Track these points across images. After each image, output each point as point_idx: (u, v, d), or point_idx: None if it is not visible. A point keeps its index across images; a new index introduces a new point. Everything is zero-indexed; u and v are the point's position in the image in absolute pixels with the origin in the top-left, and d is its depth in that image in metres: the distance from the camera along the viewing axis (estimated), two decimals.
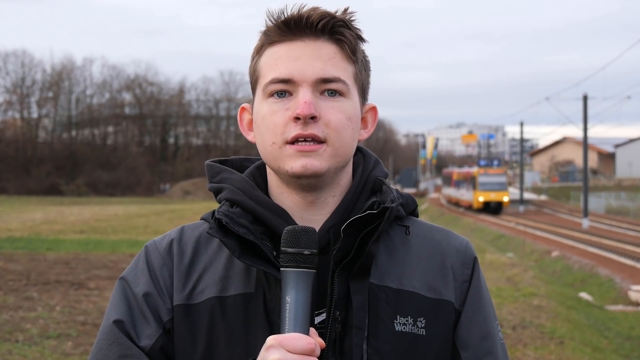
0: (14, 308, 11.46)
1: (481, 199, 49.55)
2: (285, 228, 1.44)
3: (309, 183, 1.52)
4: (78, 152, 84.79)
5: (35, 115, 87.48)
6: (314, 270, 1.41)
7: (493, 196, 49.49)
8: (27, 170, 79.19)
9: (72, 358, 8.60)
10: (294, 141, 1.48)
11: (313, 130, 1.47)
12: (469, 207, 52.86)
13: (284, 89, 1.50)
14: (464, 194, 55.42)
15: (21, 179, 76.80)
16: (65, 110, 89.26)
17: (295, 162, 1.49)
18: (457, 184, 59.54)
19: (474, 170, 53.16)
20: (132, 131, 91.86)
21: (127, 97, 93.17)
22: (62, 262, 17.40)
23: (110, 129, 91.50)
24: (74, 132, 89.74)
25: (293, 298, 1.38)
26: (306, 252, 1.41)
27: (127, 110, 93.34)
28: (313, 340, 1.34)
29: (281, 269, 1.42)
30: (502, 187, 50.11)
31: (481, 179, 50.29)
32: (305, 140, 1.48)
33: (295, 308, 1.37)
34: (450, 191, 63.91)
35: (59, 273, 15.40)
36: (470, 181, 52.68)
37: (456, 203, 59.69)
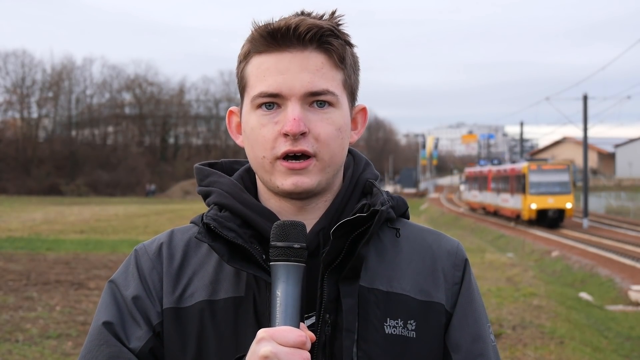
0: (14, 308, 11.46)
1: (534, 206, 35.55)
2: (275, 223, 1.44)
3: (299, 197, 1.53)
4: (78, 152, 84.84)
5: (35, 115, 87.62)
6: (304, 264, 1.42)
7: (551, 202, 35.38)
8: (27, 170, 79.22)
9: (72, 358, 8.60)
10: (284, 156, 1.48)
11: (302, 146, 1.47)
12: (516, 218, 38.99)
13: (273, 101, 1.49)
14: (508, 200, 40.80)
15: (21, 179, 76.86)
16: (65, 110, 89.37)
17: (286, 180, 1.49)
18: (496, 186, 44.64)
19: (523, 165, 37.99)
20: (132, 131, 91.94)
21: (127, 97, 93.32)
22: (62, 262, 17.40)
23: (110, 129, 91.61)
24: (74, 132, 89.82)
25: (283, 292, 1.38)
26: (296, 245, 1.41)
27: (127, 110, 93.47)
28: (304, 333, 1.34)
29: (271, 263, 1.42)
30: (564, 189, 35.97)
31: (534, 178, 36.30)
32: (295, 157, 1.48)
33: (285, 302, 1.37)
34: (485, 196, 48.33)
35: (59, 273, 15.40)
36: (517, 181, 38.38)
37: (494, 212, 44.94)
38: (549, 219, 35.53)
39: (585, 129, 37.08)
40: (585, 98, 36.97)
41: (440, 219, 46.66)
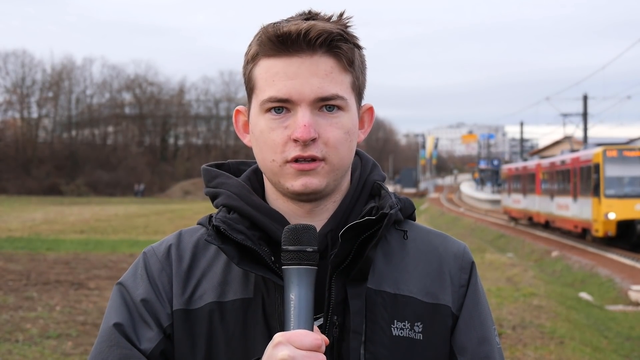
0: (14, 308, 11.45)
1: (612, 215, 23.44)
2: (286, 227, 1.45)
3: (308, 199, 1.54)
4: (78, 152, 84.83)
5: (35, 115, 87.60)
6: (316, 267, 1.43)
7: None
8: (27, 170, 79.19)
9: (72, 358, 8.59)
10: (293, 160, 1.49)
11: (312, 151, 1.48)
12: (581, 233, 26.95)
13: (282, 106, 1.49)
14: (568, 207, 28.03)
15: (21, 179, 76.83)
16: (65, 110, 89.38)
17: (296, 181, 1.50)
18: (549, 187, 31.74)
19: (594, 152, 25.35)
20: (132, 131, 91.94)
21: (127, 97, 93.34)
22: (62, 262, 17.40)
23: (110, 129, 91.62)
24: (74, 132, 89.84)
25: (296, 295, 1.39)
26: (308, 249, 1.42)
27: (127, 110, 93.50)
28: (319, 337, 1.36)
29: (283, 267, 1.43)
30: None
31: (612, 171, 23.97)
32: (304, 160, 1.49)
33: (299, 305, 1.39)
34: (531, 201, 35.26)
35: (59, 273, 15.39)
36: (584, 177, 26.11)
37: (545, 224, 32.44)
38: (638, 236, 23.32)
39: (585, 129, 37.09)
40: (585, 98, 37.00)
41: (440, 218, 46.64)
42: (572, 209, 27.53)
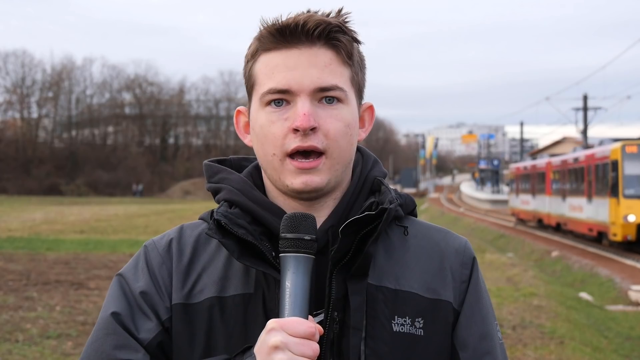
0: (14, 308, 11.44)
1: (632, 218, 21.27)
2: (285, 215, 1.45)
3: (309, 197, 1.53)
4: (78, 152, 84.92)
5: (35, 115, 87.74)
6: (314, 257, 1.42)
7: None
8: (27, 170, 79.25)
9: (72, 358, 8.59)
10: (293, 153, 1.48)
11: (312, 142, 1.47)
12: (597, 237, 24.73)
13: (282, 98, 1.49)
14: (582, 208, 25.86)
15: (21, 179, 76.91)
16: (65, 110, 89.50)
17: (296, 179, 1.49)
18: (560, 187, 29.58)
19: (611, 147, 23.03)
20: (132, 131, 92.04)
21: (127, 97, 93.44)
22: (62, 262, 17.38)
23: (110, 129, 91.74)
24: (74, 132, 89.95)
25: (292, 283, 1.39)
26: (306, 237, 1.42)
27: (127, 110, 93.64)
28: (313, 325, 1.36)
29: (280, 254, 1.43)
30: None
31: (632, 168, 21.71)
32: (304, 154, 1.48)
33: (294, 293, 1.38)
34: (541, 202, 33.13)
35: (59, 273, 15.39)
36: (600, 176, 23.98)
37: (556, 226, 30.44)
38: None
39: (585, 129, 37.09)
40: (585, 98, 36.99)
41: (440, 219, 46.63)
42: (587, 210, 25.30)
